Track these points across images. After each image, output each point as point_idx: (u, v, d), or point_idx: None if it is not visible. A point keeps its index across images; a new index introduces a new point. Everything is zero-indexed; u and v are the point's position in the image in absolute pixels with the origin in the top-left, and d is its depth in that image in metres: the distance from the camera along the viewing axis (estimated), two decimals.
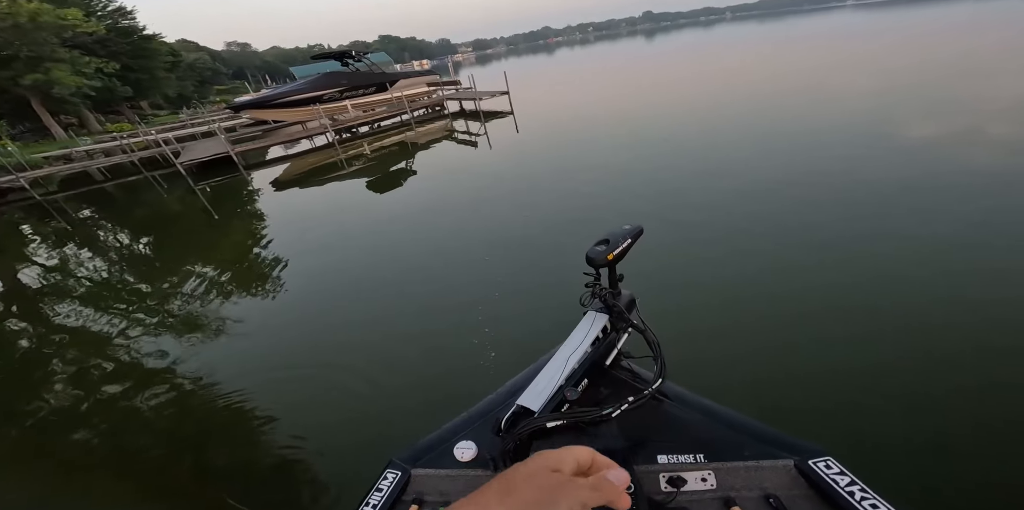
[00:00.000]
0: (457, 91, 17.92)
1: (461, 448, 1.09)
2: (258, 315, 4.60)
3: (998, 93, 7.89)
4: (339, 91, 16.22)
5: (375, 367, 3.37)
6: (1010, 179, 4.62)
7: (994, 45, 14.15)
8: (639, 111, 11.96)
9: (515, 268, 4.48)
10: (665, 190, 5.97)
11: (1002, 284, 3.11)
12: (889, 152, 5.88)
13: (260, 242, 6.93)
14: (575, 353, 1.10)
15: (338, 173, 10.79)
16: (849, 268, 3.59)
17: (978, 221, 3.89)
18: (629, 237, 1.15)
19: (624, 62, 32.63)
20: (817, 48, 21.29)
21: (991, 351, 2.58)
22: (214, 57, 55.37)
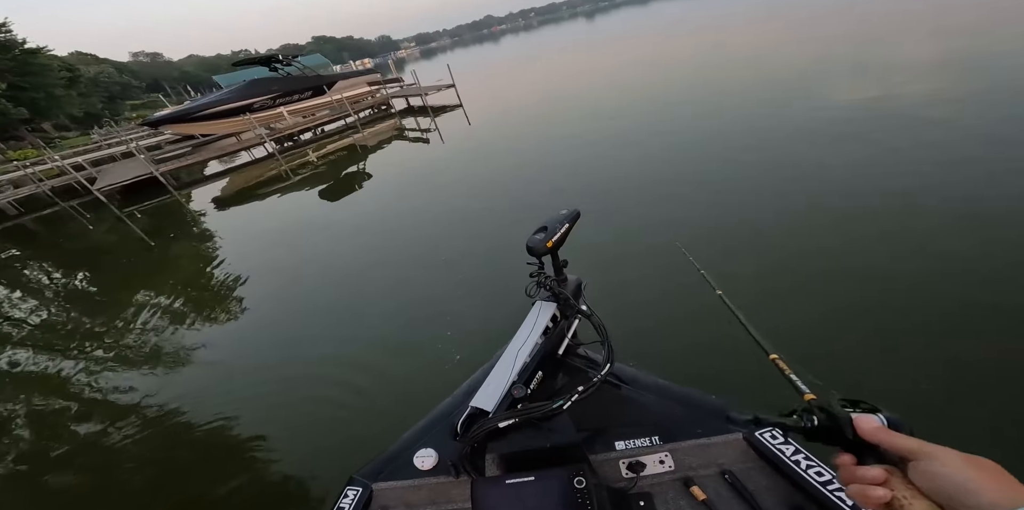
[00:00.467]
0: (401, 88, 17.31)
1: (421, 456, 1.06)
2: (222, 338, 4.36)
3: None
4: (271, 98, 15.14)
5: (343, 380, 3.26)
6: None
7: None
8: (585, 93, 11.99)
9: (477, 265, 4.37)
10: (614, 170, 5.99)
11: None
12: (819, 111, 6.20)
13: (211, 264, 6.41)
14: (524, 346, 1.07)
15: (284, 184, 10.11)
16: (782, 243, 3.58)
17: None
18: (566, 222, 1.13)
19: (568, 45, 32.72)
20: (743, 18, 22.25)
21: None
22: (121, 70, 50.30)
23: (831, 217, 3.71)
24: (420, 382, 2.99)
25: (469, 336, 3.31)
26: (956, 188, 3.63)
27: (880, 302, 2.74)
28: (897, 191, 3.79)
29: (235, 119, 14.32)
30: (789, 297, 2.97)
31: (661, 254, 3.67)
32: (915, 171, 4.04)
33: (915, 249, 3.10)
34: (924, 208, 3.49)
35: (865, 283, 2.91)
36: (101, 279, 7.23)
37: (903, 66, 7.40)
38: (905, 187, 3.82)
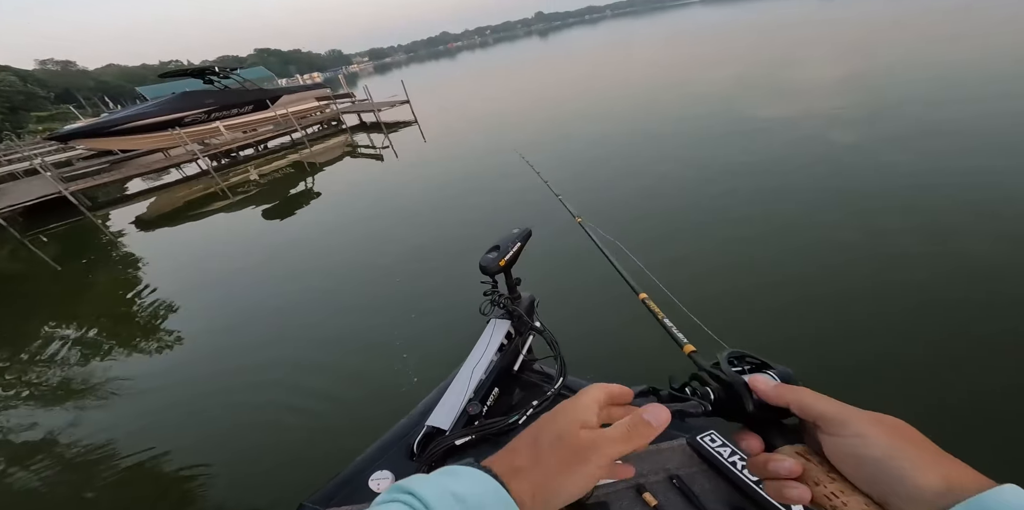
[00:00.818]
0: (353, 103, 16.87)
1: (376, 479, 1.02)
2: (153, 368, 3.98)
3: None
4: (205, 112, 14.08)
5: (292, 405, 3.06)
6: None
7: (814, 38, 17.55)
8: (541, 110, 12.38)
9: (433, 285, 4.24)
10: (573, 185, 6.14)
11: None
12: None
13: (135, 290, 5.75)
14: (479, 364, 1.09)
15: (222, 203, 9.34)
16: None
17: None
18: (519, 241, 1.15)
19: (523, 62, 33.94)
20: (680, 39, 24.39)
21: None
22: (25, 78, 44.96)
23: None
24: (376, 405, 2.85)
25: (426, 357, 3.21)
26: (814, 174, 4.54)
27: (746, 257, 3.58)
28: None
29: (162, 134, 13.13)
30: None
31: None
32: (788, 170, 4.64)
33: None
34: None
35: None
36: (3, 310, 6.20)
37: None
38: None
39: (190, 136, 12.74)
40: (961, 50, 9.12)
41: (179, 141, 12.53)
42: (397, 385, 2.95)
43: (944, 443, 0.31)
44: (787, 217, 4.09)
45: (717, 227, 4.23)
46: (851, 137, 5.76)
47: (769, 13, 34.16)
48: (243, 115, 15.22)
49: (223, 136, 14.40)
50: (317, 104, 16.97)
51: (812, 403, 0.35)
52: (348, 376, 3.25)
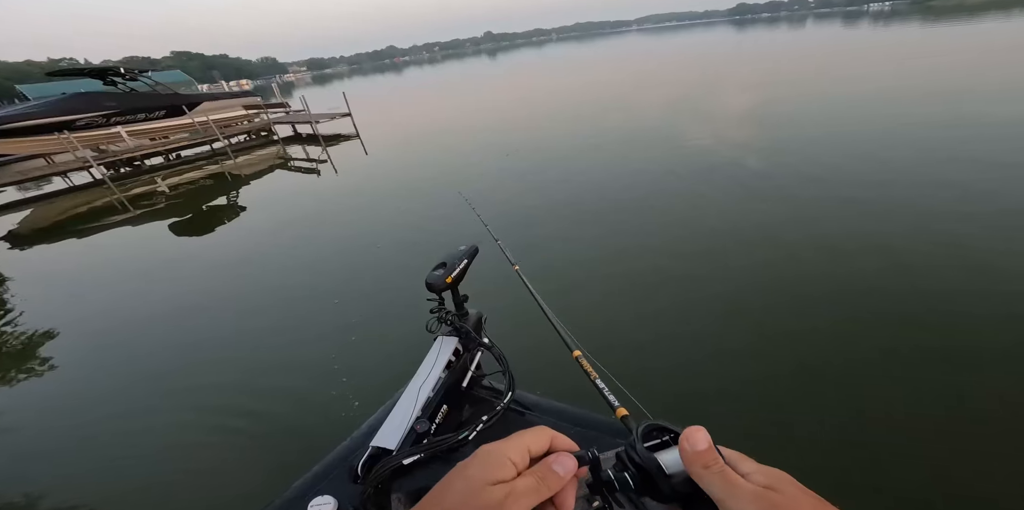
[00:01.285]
0: (287, 114, 15.86)
1: (317, 505, 0.95)
2: (17, 402, 3.33)
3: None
4: (103, 115, 12.36)
5: (211, 435, 2.71)
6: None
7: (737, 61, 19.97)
8: (486, 127, 12.54)
9: (372, 305, 3.95)
10: (513, 204, 6.20)
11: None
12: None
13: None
14: (427, 382, 1.07)
15: (120, 217, 8.09)
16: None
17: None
18: (465, 258, 1.16)
19: (468, 79, 34.51)
20: (616, 62, 26.53)
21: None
22: None
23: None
24: (316, 432, 2.57)
25: (367, 379, 2.96)
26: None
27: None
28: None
29: (46, 137, 11.23)
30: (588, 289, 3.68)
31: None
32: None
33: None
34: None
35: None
36: None
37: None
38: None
39: (82, 141, 11.06)
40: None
41: (68, 146, 10.81)
42: (337, 409, 2.72)
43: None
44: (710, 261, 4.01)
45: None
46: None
47: (695, 41, 38.21)
48: (152, 120, 13.59)
49: (124, 143, 12.70)
50: (244, 113, 15.73)
51: (710, 482, 0.32)
52: (281, 403, 2.92)
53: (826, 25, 50.72)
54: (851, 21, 51.47)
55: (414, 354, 1.15)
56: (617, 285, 3.73)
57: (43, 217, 8.93)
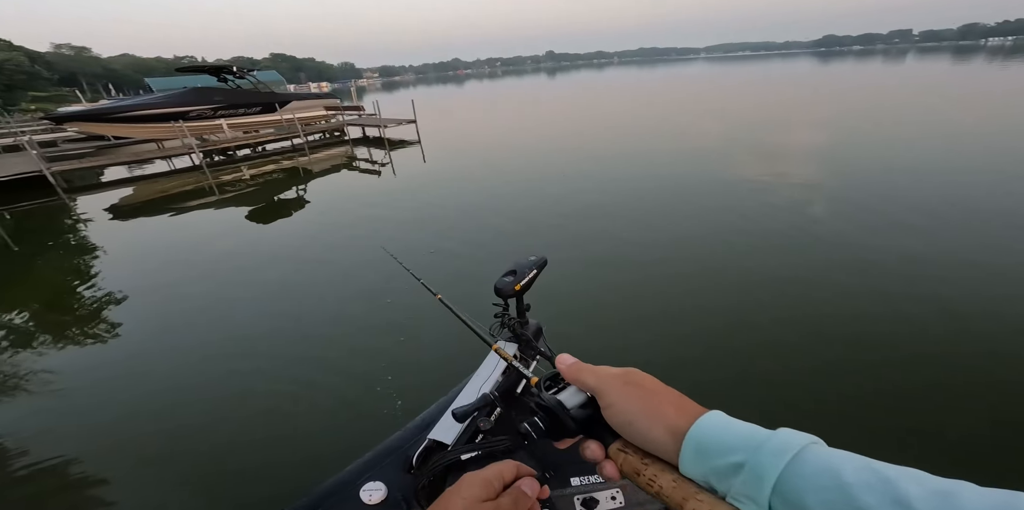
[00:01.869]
0: (360, 117, 17.08)
1: (368, 490, 0.99)
2: (80, 366, 3.61)
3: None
4: (212, 108, 14.08)
5: (247, 424, 2.81)
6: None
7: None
8: (543, 144, 12.70)
9: (420, 307, 4.01)
10: (565, 223, 6.17)
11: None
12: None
13: (87, 279, 5.38)
14: (486, 383, 1.10)
15: (206, 200, 9.06)
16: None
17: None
18: (535, 268, 1.18)
19: (530, 96, 35.19)
20: (686, 89, 25.92)
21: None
22: (34, 59, 44.79)
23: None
24: (355, 423, 2.70)
25: (412, 380, 3.05)
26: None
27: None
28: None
29: (163, 125, 12.97)
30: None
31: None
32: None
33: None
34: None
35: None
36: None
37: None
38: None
39: (191, 131, 12.61)
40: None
41: (178, 134, 12.37)
42: (379, 406, 2.83)
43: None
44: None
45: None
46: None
47: (771, 71, 36.51)
48: (249, 116, 15.23)
49: (224, 134, 14.31)
50: (324, 113, 17.16)
51: (584, 378, 0.41)
52: (325, 394, 3.03)
53: (930, 60, 46.51)
54: (962, 57, 46.83)
55: (457, 361, 1.20)
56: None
57: (144, 194, 10.20)
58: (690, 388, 0.37)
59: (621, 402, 0.37)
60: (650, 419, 0.35)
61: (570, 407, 0.41)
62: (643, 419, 0.35)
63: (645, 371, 0.40)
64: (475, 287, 4.38)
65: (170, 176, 11.92)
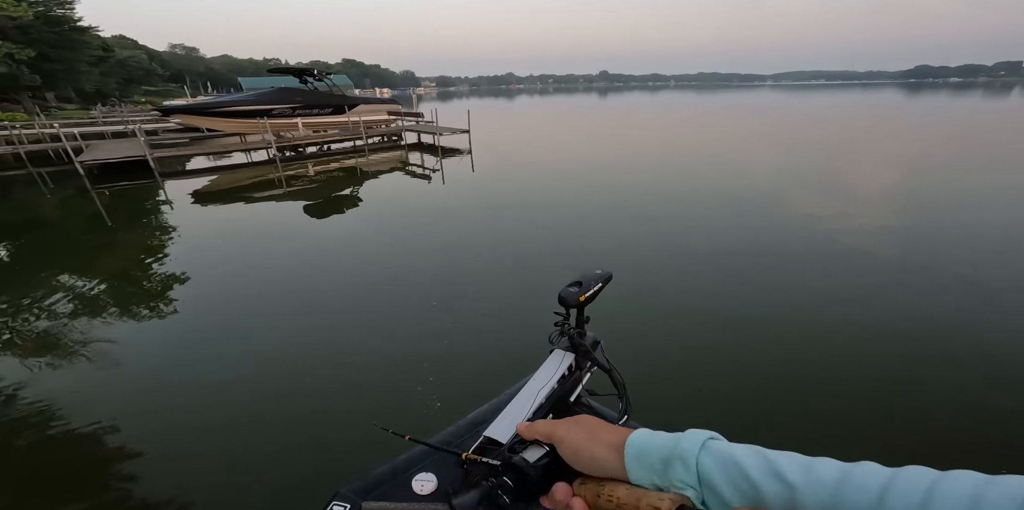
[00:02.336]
0: (418, 123, 18.02)
1: (420, 480, 1.02)
2: (137, 338, 3.96)
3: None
4: (291, 107, 15.50)
5: (279, 409, 2.95)
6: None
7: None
8: (590, 162, 12.73)
9: (465, 315, 4.13)
10: (610, 242, 6.14)
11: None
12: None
13: (159, 257, 6.01)
14: (544, 388, 1.11)
15: (274, 192, 9.93)
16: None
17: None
18: (600, 281, 1.19)
19: (581, 114, 35.42)
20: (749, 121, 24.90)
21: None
22: (152, 57, 51.39)
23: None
24: (393, 423, 2.74)
25: (452, 381, 3.13)
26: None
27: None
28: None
29: (249, 120, 14.44)
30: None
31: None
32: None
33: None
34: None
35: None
36: (28, 250, 6.54)
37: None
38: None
39: (272, 127, 13.93)
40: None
41: (261, 129, 13.71)
42: (420, 406, 2.90)
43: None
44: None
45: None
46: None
47: (851, 102, 33.96)
48: (321, 116, 16.57)
49: (298, 131, 15.67)
50: (387, 117, 18.27)
51: (538, 429, 0.48)
52: (363, 389, 3.15)
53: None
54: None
55: (499, 368, 1.23)
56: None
57: (222, 183, 11.36)
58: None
59: (568, 436, 0.45)
60: (592, 442, 0.43)
61: (532, 461, 0.46)
62: (587, 443, 0.43)
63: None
64: (512, 300, 4.48)
65: (247, 168, 13.18)
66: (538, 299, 4.46)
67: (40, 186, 10.68)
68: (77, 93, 30.89)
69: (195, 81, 57.78)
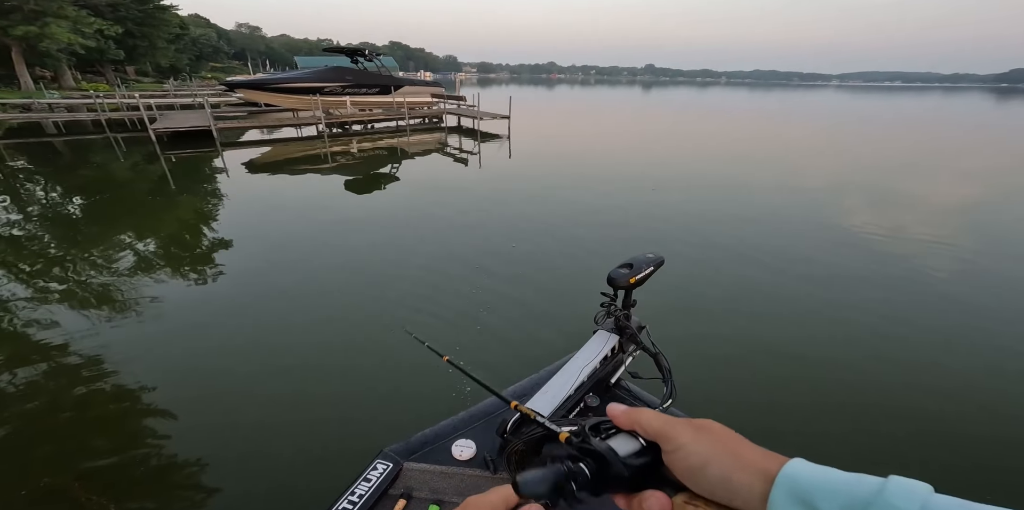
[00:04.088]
0: (459, 107, 18.12)
1: (460, 446, 1.07)
2: (179, 297, 4.18)
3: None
4: (341, 86, 16.05)
5: (306, 383, 3.00)
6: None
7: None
8: (626, 154, 12.36)
9: (496, 299, 4.05)
10: (643, 236, 5.98)
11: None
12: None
13: (209, 221, 6.44)
14: (587, 366, 1.12)
15: (319, 166, 10.38)
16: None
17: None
18: (652, 265, 1.18)
19: (617, 107, 34.27)
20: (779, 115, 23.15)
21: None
22: (220, 35, 54.40)
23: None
24: (421, 402, 2.77)
25: (480, 368, 3.01)
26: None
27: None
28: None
29: (303, 97, 15.10)
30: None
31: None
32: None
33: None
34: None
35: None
36: (97, 209, 7.16)
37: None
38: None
39: (323, 104, 14.50)
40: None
41: (313, 105, 14.30)
42: (447, 388, 2.79)
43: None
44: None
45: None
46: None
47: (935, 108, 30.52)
48: (368, 95, 17.04)
49: (346, 109, 16.20)
50: (430, 99, 18.48)
51: (646, 422, 0.36)
52: (389, 366, 3.14)
53: None
54: None
55: (526, 358, 1.22)
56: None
57: (273, 155, 11.99)
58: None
59: (692, 444, 0.33)
60: (732, 460, 0.31)
61: (623, 454, 0.36)
62: (720, 462, 0.32)
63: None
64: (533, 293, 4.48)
65: (296, 142, 13.81)
66: (561, 285, 4.45)
67: (115, 150, 11.73)
68: (153, 68, 33.36)
69: (255, 59, 60.75)
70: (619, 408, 0.40)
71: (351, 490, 1.01)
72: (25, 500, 2.15)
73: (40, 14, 17.65)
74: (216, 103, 18.93)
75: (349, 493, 1.00)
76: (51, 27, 17.72)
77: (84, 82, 25.01)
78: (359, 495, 1.00)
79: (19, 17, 17.32)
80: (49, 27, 17.67)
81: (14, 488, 2.20)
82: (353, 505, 0.98)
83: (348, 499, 0.99)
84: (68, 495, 2.15)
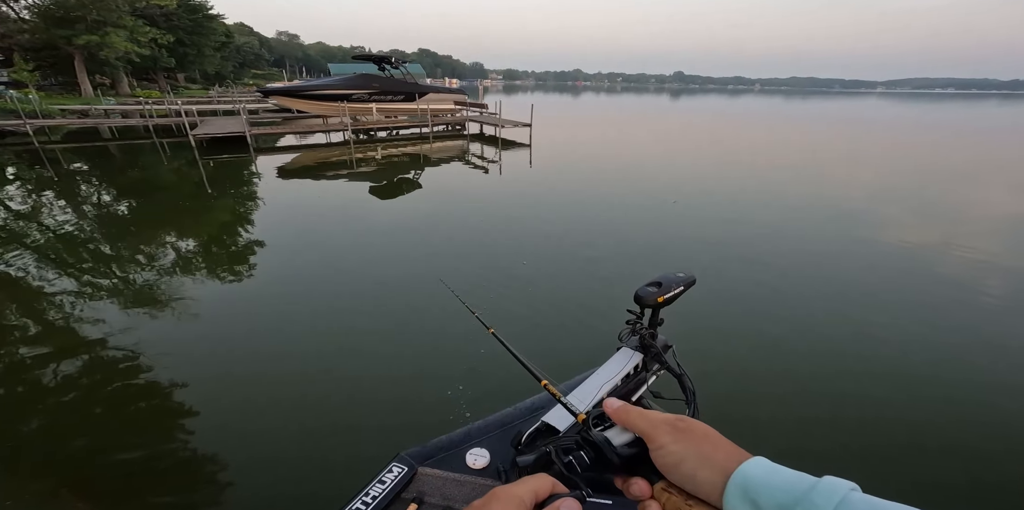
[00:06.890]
0: (481, 114, 18.33)
1: (474, 454, 1.07)
2: (213, 297, 4.44)
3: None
4: (368, 93, 16.54)
5: (320, 388, 3.13)
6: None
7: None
8: (647, 166, 12.16)
9: (509, 313, 4.03)
10: (661, 253, 5.87)
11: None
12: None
13: (243, 224, 6.78)
14: (607, 383, 1.10)
15: (345, 171, 10.74)
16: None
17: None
18: (682, 284, 1.14)
19: (642, 114, 33.81)
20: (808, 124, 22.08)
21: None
22: (262, 43, 57.32)
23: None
24: (417, 413, 2.86)
25: (481, 389, 3.01)
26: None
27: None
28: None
29: (332, 103, 15.67)
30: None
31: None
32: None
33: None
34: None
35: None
36: (143, 209, 7.65)
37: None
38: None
39: (350, 111, 15.00)
40: None
41: (340, 112, 14.82)
42: (447, 410, 2.82)
43: None
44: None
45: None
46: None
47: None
48: (394, 102, 17.49)
49: (372, 116, 16.69)
50: (453, 107, 18.78)
51: (633, 422, 0.41)
52: (393, 380, 3.19)
53: None
54: None
55: (528, 383, 1.22)
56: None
57: (304, 160, 12.49)
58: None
59: (671, 444, 0.38)
60: (699, 460, 0.36)
61: (616, 445, 0.42)
62: (692, 460, 0.36)
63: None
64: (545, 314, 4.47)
65: (325, 147, 14.34)
66: (576, 302, 4.41)
67: (160, 154, 12.53)
68: (201, 75, 35.49)
69: (292, 66, 63.56)
70: (615, 404, 0.44)
71: (365, 491, 1.03)
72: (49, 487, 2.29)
73: (101, 24, 19.16)
74: (255, 109, 19.92)
75: (363, 494, 1.02)
76: (111, 36, 19.20)
77: (139, 89, 26.90)
78: (373, 496, 1.02)
79: (83, 27, 18.84)
80: (109, 36, 19.16)
81: (38, 477, 2.37)
82: (366, 506, 1.00)
83: (362, 500, 1.01)
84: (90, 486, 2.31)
